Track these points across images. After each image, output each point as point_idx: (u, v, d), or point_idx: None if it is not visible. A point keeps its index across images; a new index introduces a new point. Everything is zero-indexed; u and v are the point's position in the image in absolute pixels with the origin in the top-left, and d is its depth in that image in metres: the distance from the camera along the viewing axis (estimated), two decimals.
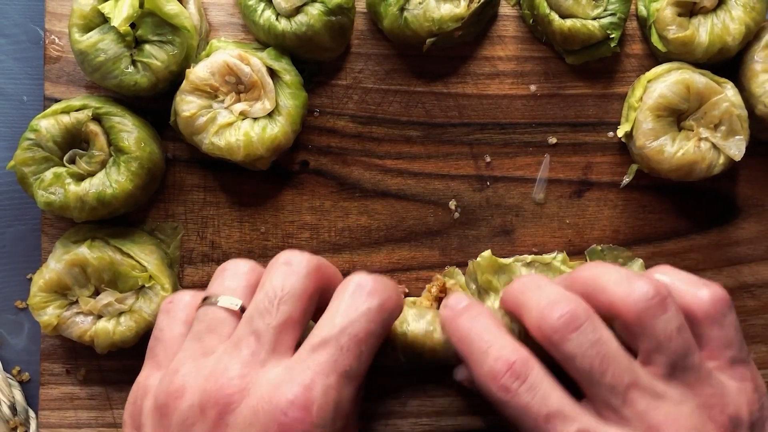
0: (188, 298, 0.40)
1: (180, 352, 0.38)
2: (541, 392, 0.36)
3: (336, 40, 0.47)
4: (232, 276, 0.39)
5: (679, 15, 0.47)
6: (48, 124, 0.44)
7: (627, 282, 0.38)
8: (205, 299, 0.39)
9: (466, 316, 0.40)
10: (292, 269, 0.37)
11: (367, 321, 0.36)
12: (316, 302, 0.38)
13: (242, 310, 0.38)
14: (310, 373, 0.34)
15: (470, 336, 0.38)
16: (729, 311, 0.39)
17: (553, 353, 0.37)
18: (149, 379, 0.38)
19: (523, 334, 0.41)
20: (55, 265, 0.45)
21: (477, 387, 0.38)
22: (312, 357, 0.35)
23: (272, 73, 0.46)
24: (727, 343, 0.38)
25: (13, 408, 0.49)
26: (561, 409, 0.36)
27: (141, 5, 0.44)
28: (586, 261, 0.49)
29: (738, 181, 0.51)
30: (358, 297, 0.36)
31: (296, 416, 0.33)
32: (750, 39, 0.48)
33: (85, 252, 0.45)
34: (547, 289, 0.39)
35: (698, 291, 0.39)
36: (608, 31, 0.47)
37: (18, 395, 0.49)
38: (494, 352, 0.37)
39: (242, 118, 0.45)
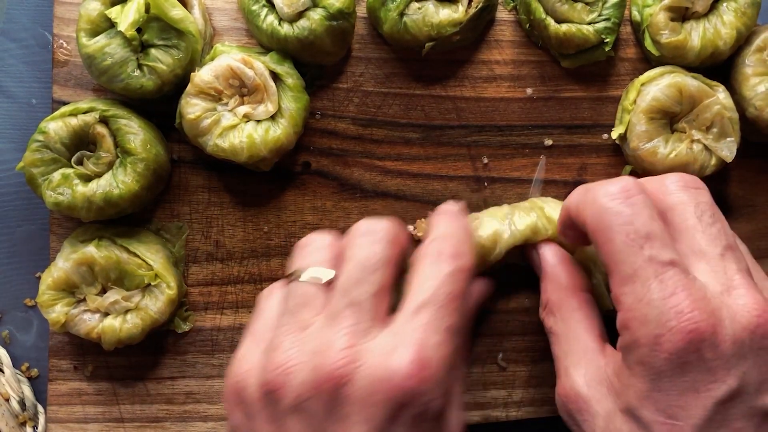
0: (282, 283, 0.41)
1: (277, 327, 0.38)
2: (646, 216, 0.37)
3: (337, 44, 0.47)
4: (317, 250, 0.40)
5: (672, 20, 0.48)
6: (56, 127, 0.44)
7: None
8: (293, 273, 0.39)
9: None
10: (375, 238, 0.38)
11: (454, 281, 0.37)
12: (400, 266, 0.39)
13: (330, 282, 0.38)
14: (419, 334, 0.35)
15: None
16: None
17: (661, 200, 0.38)
18: (248, 355, 0.38)
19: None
20: (63, 263, 0.45)
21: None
22: (416, 319, 0.35)
23: (275, 76, 0.46)
24: None
25: (22, 403, 0.49)
26: (662, 238, 0.36)
27: (147, 10, 0.44)
28: None
29: (729, 181, 0.51)
30: (442, 261, 0.38)
31: (418, 376, 0.33)
32: (741, 43, 0.48)
33: (92, 251, 0.45)
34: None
35: None
36: (603, 36, 0.48)
37: (27, 391, 0.50)
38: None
39: (246, 121, 0.45)
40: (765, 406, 0.35)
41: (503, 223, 0.45)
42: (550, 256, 0.44)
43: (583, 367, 0.40)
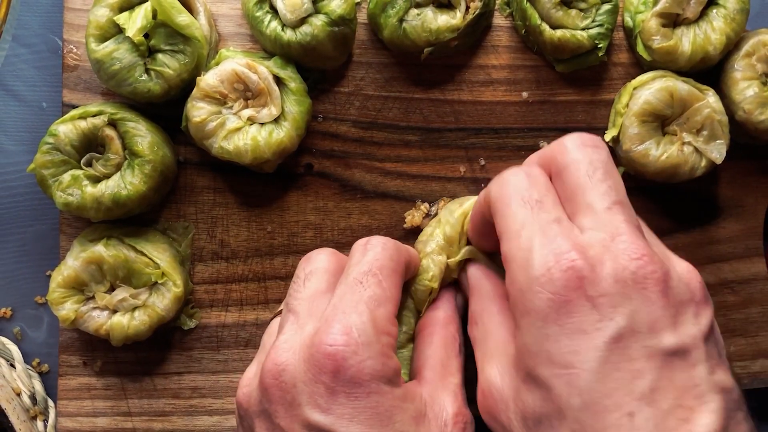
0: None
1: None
2: (542, 187, 0.38)
3: (338, 49, 0.48)
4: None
5: (664, 26, 0.48)
6: (66, 129, 0.45)
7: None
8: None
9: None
10: (312, 257, 0.43)
11: (373, 259, 0.40)
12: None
13: None
14: (341, 309, 0.38)
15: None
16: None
17: (558, 160, 0.39)
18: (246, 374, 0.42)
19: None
20: (73, 262, 0.46)
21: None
22: (342, 300, 0.39)
23: (278, 80, 0.47)
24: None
25: (33, 398, 0.49)
26: (554, 204, 0.37)
27: (154, 16, 0.44)
28: None
29: (719, 182, 0.52)
30: (362, 248, 0.41)
31: (341, 342, 0.37)
32: (731, 48, 0.49)
33: (101, 250, 0.46)
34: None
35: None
36: (596, 41, 0.48)
37: (38, 385, 0.50)
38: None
39: (250, 124, 0.46)
40: (663, 346, 0.33)
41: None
42: (475, 270, 0.45)
43: (496, 358, 0.39)
